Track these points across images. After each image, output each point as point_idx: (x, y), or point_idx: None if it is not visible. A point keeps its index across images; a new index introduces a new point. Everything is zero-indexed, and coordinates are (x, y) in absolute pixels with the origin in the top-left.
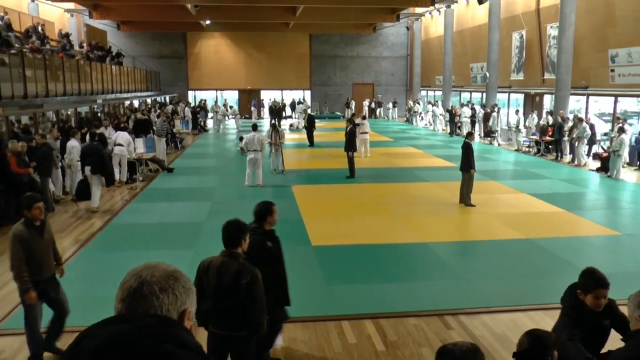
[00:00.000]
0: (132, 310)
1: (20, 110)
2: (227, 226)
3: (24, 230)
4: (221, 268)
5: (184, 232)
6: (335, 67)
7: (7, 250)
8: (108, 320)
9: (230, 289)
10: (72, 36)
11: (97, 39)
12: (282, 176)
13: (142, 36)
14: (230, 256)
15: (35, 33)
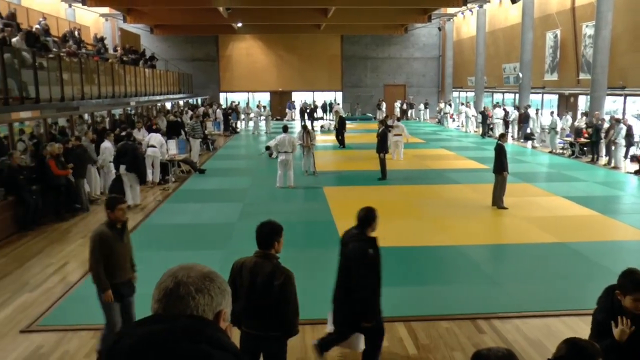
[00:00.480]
0: (168, 310)
1: (57, 112)
2: (261, 227)
3: (106, 231)
4: (254, 269)
5: (216, 233)
6: (366, 68)
7: (87, 251)
8: (145, 320)
9: (263, 290)
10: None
11: (131, 43)
12: (313, 177)
13: (175, 39)
14: (263, 257)
15: (72, 37)
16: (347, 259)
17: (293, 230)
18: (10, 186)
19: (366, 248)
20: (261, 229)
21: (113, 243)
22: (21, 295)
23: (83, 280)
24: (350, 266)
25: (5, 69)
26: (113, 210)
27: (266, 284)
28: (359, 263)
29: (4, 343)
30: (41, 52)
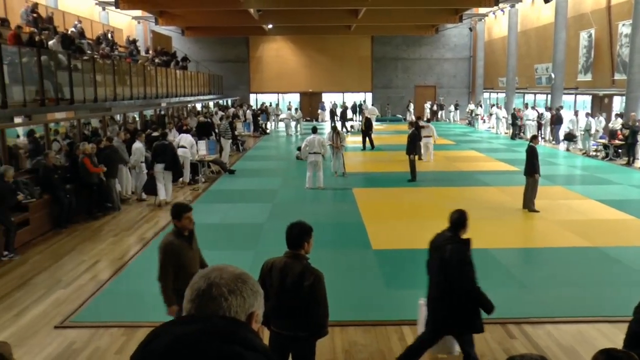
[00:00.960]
0: (201, 311)
1: (90, 113)
2: (291, 228)
3: (173, 241)
4: (284, 269)
5: (245, 233)
6: (396, 69)
7: (157, 259)
8: (178, 320)
9: (293, 290)
10: (138, 42)
11: (163, 45)
12: (343, 179)
13: (206, 41)
14: (293, 257)
15: (105, 40)
16: (444, 261)
17: (322, 232)
18: (46, 185)
19: (464, 249)
20: (291, 230)
21: (183, 252)
22: (55, 292)
23: (114, 278)
24: (448, 268)
25: (42, 71)
26: (180, 219)
27: (296, 284)
28: (462, 263)
29: (40, 338)
30: (76, 55)
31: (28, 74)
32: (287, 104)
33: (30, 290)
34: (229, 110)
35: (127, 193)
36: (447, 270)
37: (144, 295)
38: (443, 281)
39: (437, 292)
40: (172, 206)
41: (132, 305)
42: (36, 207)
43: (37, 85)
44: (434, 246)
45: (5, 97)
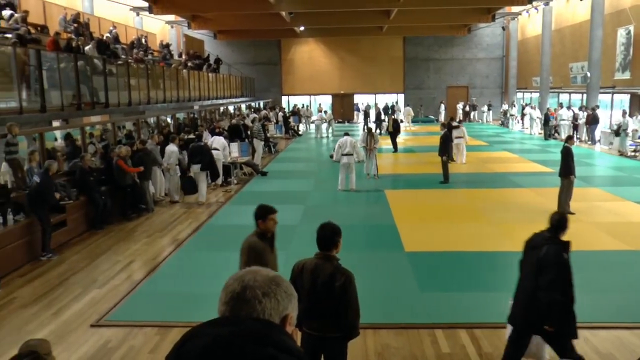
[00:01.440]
0: (235, 313)
1: (124, 116)
2: (322, 229)
3: (257, 242)
4: (315, 270)
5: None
6: (428, 69)
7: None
8: (213, 322)
9: (324, 291)
10: (171, 46)
11: (195, 48)
12: (375, 181)
13: (238, 44)
14: (324, 259)
15: (139, 45)
16: (540, 261)
17: (354, 233)
18: (82, 187)
19: (561, 251)
20: (323, 231)
21: (264, 254)
22: (91, 291)
23: (148, 278)
24: (543, 269)
25: (78, 76)
26: (265, 220)
27: (327, 285)
28: (553, 266)
29: (76, 336)
30: (111, 59)
31: (65, 79)
32: (318, 105)
33: (68, 289)
34: (261, 113)
35: (160, 195)
36: (542, 271)
37: (178, 295)
38: (531, 282)
39: (528, 293)
40: (257, 207)
41: (165, 306)
42: (73, 209)
43: (74, 89)
44: (530, 246)
45: (44, 102)
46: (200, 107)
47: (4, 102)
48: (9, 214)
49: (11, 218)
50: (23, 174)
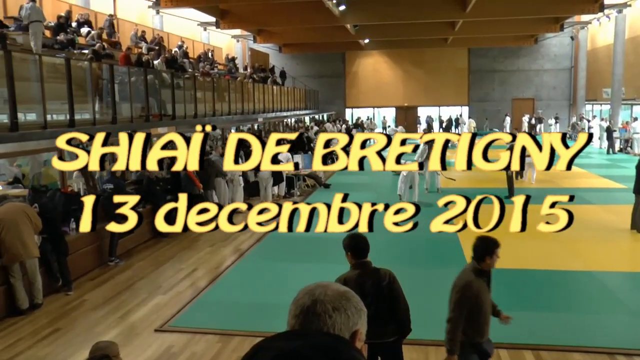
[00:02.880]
0: (305, 327)
1: (190, 128)
2: (357, 238)
3: (477, 282)
4: (358, 279)
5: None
6: (493, 81)
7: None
8: (283, 335)
9: (375, 295)
10: (237, 60)
11: (260, 62)
12: (436, 195)
13: (303, 57)
14: (363, 266)
15: (206, 58)
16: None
17: (416, 248)
18: (149, 195)
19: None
20: (358, 240)
21: (482, 294)
22: (156, 297)
23: (210, 286)
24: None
25: (147, 89)
26: (492, 256)
27: (376, 287)
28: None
29: (141, 339)
30: (178, 73)
31: (135, 92)
32: (382, 118)
33: (134, 294)
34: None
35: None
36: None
37: (239, 304)
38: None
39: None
40: (478, 241)
41: (227, 314)
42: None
43: (143, 102)
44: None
45: (115, 114)
46: (265, 119)
47: (79, 113)
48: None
49: None
50: (94, 182)
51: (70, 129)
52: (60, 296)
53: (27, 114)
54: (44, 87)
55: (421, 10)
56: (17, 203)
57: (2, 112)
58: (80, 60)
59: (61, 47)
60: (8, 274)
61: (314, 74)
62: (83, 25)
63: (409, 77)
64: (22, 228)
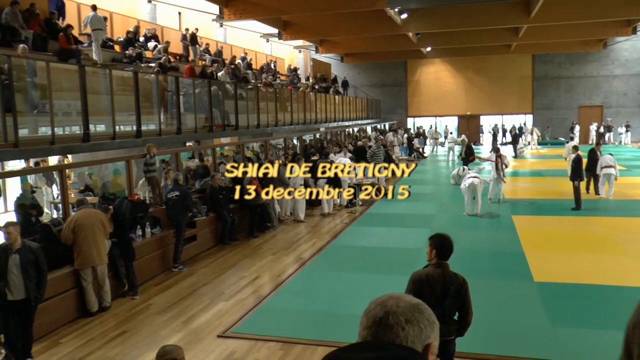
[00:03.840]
0: (377, 338)
1: (253, 138)
2: (446, 239)
3: None
4: (443, 278)
5: (402, 258)
6: (559, 88)
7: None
8: (356, 346)
9: (454, 296)
10: (299, 70)
11: (322, 72)
12: (500, 205)
13: (364, 66)
14: (444, 267)
15: (268, 69)
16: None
17: (480, 260)
18: (212, 204)
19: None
20: (447, 241)
21: None
22: (218, 303)
23: (273, 294)
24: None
25: (211, 100)
26: None
27: (456, 289)
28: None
29: (204, 344)
30: (242, 84)
31: (199, 103)
32: (444, 127)
33: (197, 299)
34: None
35: (285, 214)
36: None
37: (301, 313)
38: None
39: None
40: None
41: (289, 322)
42: (203, 224)
43: (206, 113)
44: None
45: (180, 124)
46: (327, 129)
47: (145, 124)
48: (147, 227)
49: (149, 231)
50: (160, 191)
51: (137, 139)
52: (126, 300)
53: (97, 125)
54: (114, 99)
55: (484, 17)
56: (92, 209)
57: (75, 124)
58: (147, 73)
59: (129, 60)
60: (80, 278)
61: (376, 83)
62: (150, 39)
63: (471, 85)
64: (96, 234)
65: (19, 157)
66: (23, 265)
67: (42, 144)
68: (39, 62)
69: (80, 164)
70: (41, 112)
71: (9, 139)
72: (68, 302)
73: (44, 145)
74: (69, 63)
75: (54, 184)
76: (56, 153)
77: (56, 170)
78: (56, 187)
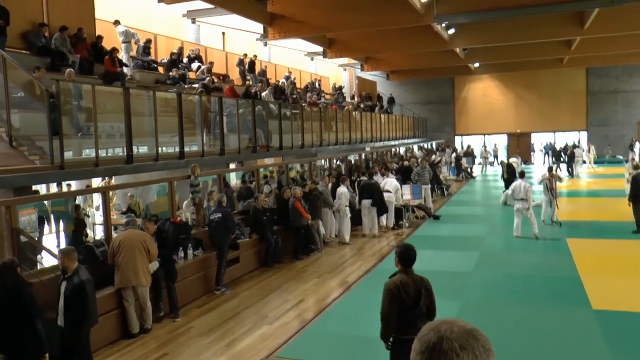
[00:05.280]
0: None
1: (297, 159)
2: (410, 249)
3: None
4: (415, 282)
5: (451, 282)
6: (616, 103)
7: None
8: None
9: (427, 296)
10: (344, 88)
11: (367, 90)
12: (554, 227)
13: (410, 83)
14: (411, 272)
15: (313, 88)
16: None
17: (533, 285)
18: (255, 226)
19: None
20: (411, 250)
21: None
22: (261, 327)
23: (317, 318)
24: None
25: (255, 120)
26: None
27: (426, 289)
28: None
29: None
30: (286, 104)
31: (243, 123)
32: (493, 146)
33: (240, 322)
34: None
35: (330, 236)
36: None
37: (347, 337)
38: None
39: None
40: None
41: (334, 347)
42: (246, 246)
43: (250, 133)
44: None
45: (223, 145)
46: (372, 149)
47: (188, 146)
48: (189, 249)
49: (191, 253)
50: (203, 212)
51: (180, 160)
52: (167, 322)
53: (141, 147)
54: (157, 121)
55: (534, 30)
56: (137, 231)
57: (119, 146)
58: (190, 94)
59: (173, 82)
60: (122, 299)
61: (423, 100)
62: (194, 60)
63: (521, 102)
64: (137, 255)
65: (64, 179)
66: (66, 295)
67: (86, 166)
68: (85, 85)
69: (124, 186)
70: (85, 134)
71: (55, 161)
72: (110, 323)
73: (89, 167)
74: (114, 86)
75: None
76: (100, 175)
77: (99, 192)
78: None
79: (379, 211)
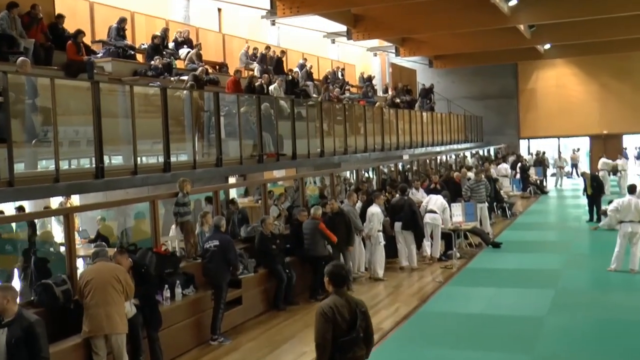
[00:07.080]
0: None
1: (315, 170)
2: (339, 268)
3: None
4: (349, 304)
5: (516, 329)
6: None
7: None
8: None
9: (362, 318)
10: (374, 79)
11: (404, 81)
12: None
13: (460, 72)
14: (344, 293)
15: (335, 79)
16: None
17: (628, 335)
18: (262, 257)
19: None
20: (341, 269)
21: None
22: None
23: None
24: None
25: (260, 121)
26: None
27: (362, 312)
28: None
29: None
30: (300, 100)
31: (245, 125)
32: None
33: None
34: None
35: (359, 270)
36: None
37: None
38: None
39: None
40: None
41: None
42: (250, 283)
43: (254, 138)
44: None
45: (220, 154)
46: (411, 157)
47: (175, 155)
48: (177, 287)
49: (179, 292)
50: (194, 240)
51: (165, 174)
52: None
53: (114, 156)
54: (135, 123)
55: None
56: (109, 264)
57: (86, 156)
58: (178, 89)
59: (156, 73)
60: (92, 351)
61: (476, 94)
62: (182, 45)
63: (608, 94)
64: (110, 295)
65: (14, 199)
66: (9, 344)
67: (43, 182)
68: (41, 79)
69: (92, 207)
70: (42, 141)
71: (2, 176)
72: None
73: (46, 183)
74: (78, 79)
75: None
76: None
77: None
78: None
79: (415, 236)
